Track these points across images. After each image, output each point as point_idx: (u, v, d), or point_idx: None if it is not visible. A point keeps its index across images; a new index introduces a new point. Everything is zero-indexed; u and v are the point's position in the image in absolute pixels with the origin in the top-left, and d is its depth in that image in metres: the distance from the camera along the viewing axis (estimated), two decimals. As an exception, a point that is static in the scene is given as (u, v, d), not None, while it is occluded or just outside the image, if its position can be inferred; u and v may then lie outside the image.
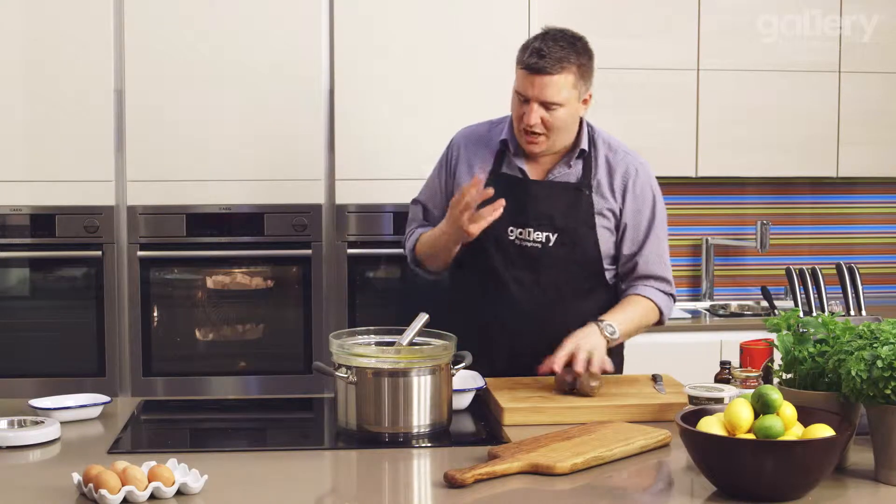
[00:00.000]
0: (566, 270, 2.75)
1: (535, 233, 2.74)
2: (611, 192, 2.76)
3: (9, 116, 3.71)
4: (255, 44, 3.77)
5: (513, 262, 2.75)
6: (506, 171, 2.77)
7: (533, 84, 2.62)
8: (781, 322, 2.17)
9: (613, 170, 2.77)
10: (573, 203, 2.74)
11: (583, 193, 2.74)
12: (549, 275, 2.75)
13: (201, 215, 3.79)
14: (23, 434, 2.25)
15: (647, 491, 1.99)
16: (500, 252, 2.75)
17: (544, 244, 2.73)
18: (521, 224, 2.73)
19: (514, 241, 2.74)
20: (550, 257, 2.74)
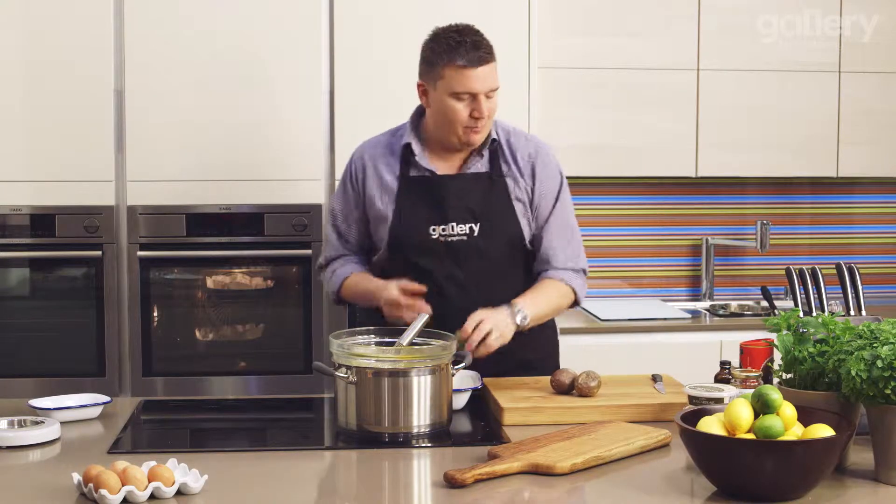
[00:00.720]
0: (493, 259, 2.76)
1: (457, 227, 2.74)
2: (520, 174, 2.79)
3: (9, 116, 3.71)
4: (255, 44, 3.77)
5: (441, 260, 2.74)
6: (414, 173, 2.77)
7: (478, 77, 2.65)
8: (781, 322, 2.17)
9: (516, 153, 2.80)
10: (489, 191, 2.76)
11: (496, 181, 2.77)
12: (478, 266, 2.75)
13: (201, 215, 3.79)
14: (23, 434, 2.25)
15: (647, 491, 1.99)
16: (427, 253, 2.75)
17: (469, 235, 2.74)
18: (442, 221, 2.74)
19: (439, 238, 2.74)
20: (476, 248, 2.74)
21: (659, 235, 4.58)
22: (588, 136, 4.18)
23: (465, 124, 2.68)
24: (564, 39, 4.15)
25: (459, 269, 2.75)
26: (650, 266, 4.58)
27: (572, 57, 4.16)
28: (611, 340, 3.94)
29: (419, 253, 2.74)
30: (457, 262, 2.75)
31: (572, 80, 4.16)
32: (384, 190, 2.78)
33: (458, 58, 2.65)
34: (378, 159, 2.81)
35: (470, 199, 2.75)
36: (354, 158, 2.86)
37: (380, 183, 2.79)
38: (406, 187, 2.75)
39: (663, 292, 4.57)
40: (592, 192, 4.50)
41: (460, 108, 2.67)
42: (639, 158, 4.23)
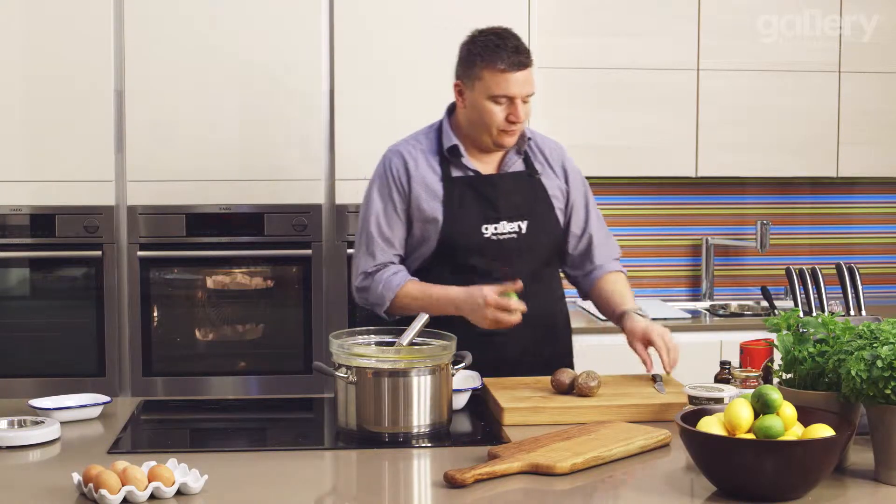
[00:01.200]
0: (539, 256, 2.82)
1: (508, 224, 2.78)
2: (552, 172, 2.86)
3: (9, 116, 3.71)
4: (255, 44, 3.77)
5: (492, 258, 2.77)
6: (457, 173, 2.78)
7: (517, 81, 2.67)
8: (781, 322, 2.17)
9: (544, 151, 2.87)
10: (531, 190, 2.82)
11: (534, 179, 2.82)
12: (526, 263, 2.79)
13: (201, 215, 3.79)
14: (23, 434, 2.25)
15: (647, 491, 1.99)
16: (479, 252, 2.76)
17: (518, 233, 2.78)
18: (494, 219, 2.76)
19: (491, 237, 2.76)
20: (525, 245, 2.79)
21: (659, 235, 4.58)
22: (588, 136, 4.18)
23: (500, 127, 2.71)
24: (564, 39, 4.15)
25: (509, 267, 2.76)
26: (650, 266, 4.58)
27: (572, 57, 4.16)
28: (611, 340, 3.91)
29: (471, 253, 2.76)
30: (507, 260, 2.77)
31: (572, 80, 4.16)
32: (429, 191, 2.77)
33: (498, 61, 2.67)
34: (419, 160, 2.80)
35: (516, 198, 2.79)
36: (393, 159, 2.81)
37: (424, 184, 2.78)
38: (452, 188, 2.75)
39: (663, 292, 4.58)
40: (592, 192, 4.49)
41: (497, 111, 2.69)
42: (639, 158, 4.23)
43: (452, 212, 2.75)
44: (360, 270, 2.79)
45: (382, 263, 2.77)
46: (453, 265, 2.77)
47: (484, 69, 2.68)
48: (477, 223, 2.75)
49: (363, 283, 2.78)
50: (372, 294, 2.76)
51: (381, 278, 2.75)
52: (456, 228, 2.75)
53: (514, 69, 2.65)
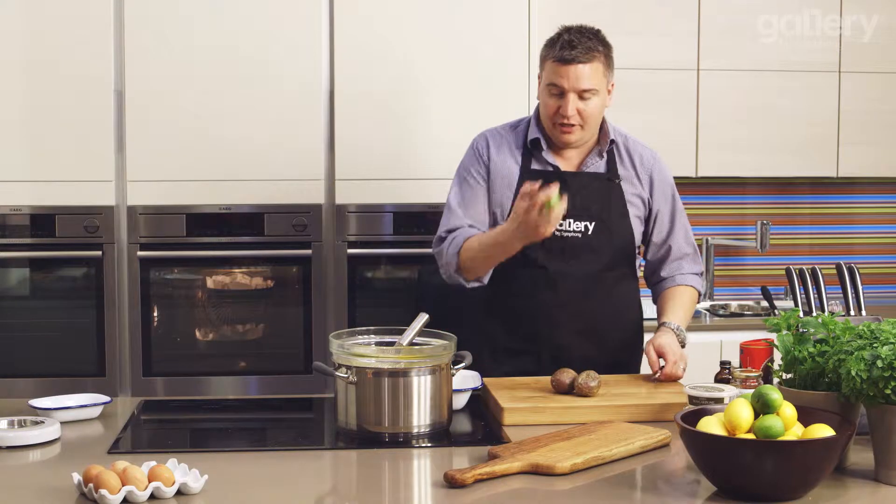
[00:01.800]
0: (603, 258, 2.82)
1: (574, 223, 2.79)
2: (637, 179, 2.87)
3: (9, 116, 3.71)
4: (255, 44, 3.77)
5: (554, 254, 2.79)
6: (536, 167, 2.82)
7: (568, 75, 2.70)
8: (781, 322, 2.17)
9: (633, 157, 2.89)
10: (606, 192, 2.82)
11: (613, 183, 2.84)
12: (588, 263, 2.80)
13: (201, 215, 3.79)
14: (23, 434, 2.25)
15: (647, 491, 1.99)
16: (541, 246, 2.76)
17: (583, 234, 2.79)
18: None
19: (555, 233, 2.74)
20: (589, 246, 2.80)
21: (659, 235, 4.58)
22: (588, 136, 4.17)
23: (552, 119, 2.74)
24: (564, 39, 4.14)
25: (572, 265, 2.78)
26: (650, 266, 4.58)
27: (572, 57, 4.15)
28: (611, 340, 3.93)
29: (532, 245, 2.74)
30: (568, 258, 2.79)
31: (572, 80, 4.15)
32: (505, 178, 2.81)
33: (553, 51, 2.73)
34: (502, 147, 2.84)
35: (587, 198, 2.79)
36: (478, 141, 2.88)
37: (501, 170, 2.81)
38: (528, 178, 2.75)
39: (663, 292, 4.57)
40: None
41: (550, 103, 2.74)
42: (639, 158, 4.23)
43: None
44: (438, 233, 2.85)
45: (454, 227, 2.81)
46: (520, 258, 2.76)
47: (544, 59, 2.77)
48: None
49: (435, 248, 2.84)
50: (443, 258, 2.80)
51: (448, 242, 2.80)
52: None
53: (564, 62, 2.70)
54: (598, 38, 2.78)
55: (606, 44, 2.80)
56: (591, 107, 2.74)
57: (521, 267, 2.79)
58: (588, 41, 2.74)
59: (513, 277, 2.82)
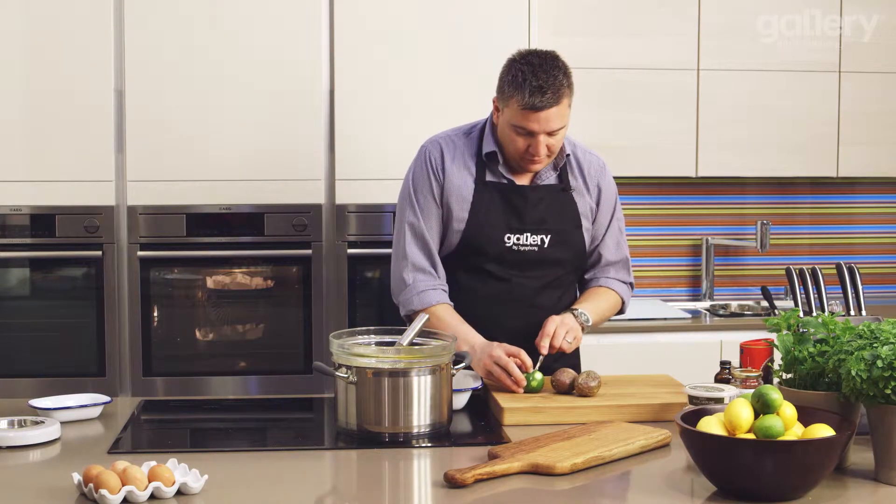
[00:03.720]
0: (559, 270, 2.82)
1: (531, 237, 2.77)
2: (586, 189, 2.84)
3: (9, 116, 3.71)
4: (255, 44, 3.77)
5: (510, 266, 2.78)
6: (491, 179, 2.78)
7: (538, 120, 2.62)
8: (781, 322, 2.17)
9: (583, 167, 2.85)
10: (560, 204, 2.80)
11: (567, 194, 2.81)
12: (544, 276, 2.80)
13: (201, 215, 3.79)
14: (23, 434, 2.25)
15: (647, 491, 1.99)
16: (498, 260, 2.77)
17: (539, 246, 2.78)
18: (518, 230, 2.77)
19: (512, 247, 2.77)
20: (545, 259, 2.79)
21: (659, 235, 4.59)
22: (588, 136, 4.15)
23: (521, 155, 2.70)
24: (564, 39, 4.14)
25: (527, 278, 2.78)
26: (650, 266, 4.59)
27: (572, 57, 4.10)
28: (611, 340, 3.94)
29: (491, 258, 2.77)
30: (525, 271, 2.78)
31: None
32: (460, 190, 2.77)
33: (520, 96, 2.61)
34: (456, 157, 2.79)
35: (544, 211, 2.78)
36: (431, 150, 2.81)
37: (455, 182, 2.78)
38: (483, 192, 2.76)
39: (663, 292, 4.58)
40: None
41: (519, 141, 2.67)
42: (639, 158, 4.23)
43: (478, 216, 2.75)
44: (397, 275, 2.78)
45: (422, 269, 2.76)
46: (469, 266, 2.79)
47: (511, 97, 2.64)
48: (500, 231, 2.75)
49: (399, 291, 2.78)
50: (404, 300, 2.77)
51: (417, 289, 2.74)
52: (478, 233, 2.76)
53: (535, 109, 2.60)
54: (560, 69, 2.66)
55: (567, 72, 2.69)
56: (559, 139, 2.69)
57: (478, 278, 2.78)
58: (554, 80, 2.62)
59: (474, 289, 2.80)
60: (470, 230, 2.76)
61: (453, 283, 2.82)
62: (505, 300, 2.78)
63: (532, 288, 2.79)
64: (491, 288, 2.78)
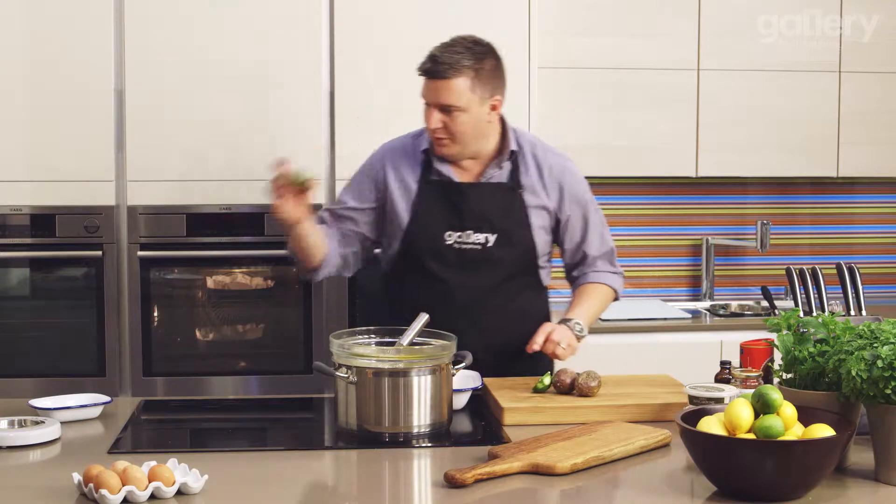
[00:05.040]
0: (506, 270, 2.79)
1: (474, 235, 2.76)
2: (543, 189, 2.80)
3: (9, 116, 3.71)
4: (255, 44, 3.77)
5: (453, 267, 2.76)
6: (434, 178, 2.78)
7: (430, 89, 2.66)
8: (781, 322, 2.17)
9: (542, 167, 2.82)
10: (508, 203, 2.77)
11: (515, 193, 2.78)
12: (490, 276, 2.78)
13: (201, 215, 3.79)
14: (23, 434, 2.25)
15: (647, 491, 1.99)
16: (440, 259, 2.76)
17: (483, 245, 2.76)
18: (459, 227, 2.75)
19: (453, 245, 2.75)
20: (490, 258, 2.76)
21: (659, 235, 4.59)
22: (588, 136, 4.18)
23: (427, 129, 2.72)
24: (564, 39, 4.15)
25: (471, 278, 2.76)
26: (650, 266, 4.59)
27: (572, 57, 4.16)
28: (611, 340, 3.94)
29: (432, 257, 2.76)
30: (469, 270, 2.76)
31: (572, 80, 4.16)
32: (404, 191, 2.79)
33: (421, 65, 2.70)
34: (399, 161, 2.82)
35: (488, 209, 2.76)
36: (377, 157, 2.88)
37: (401, 184, 2.80)
38: (425, 191, 2.77)
39: (663, 292, 4.58)
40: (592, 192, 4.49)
41: (424, 114, 2.71)
42: (639, 158, 4.23)
43: (419, 214, 2.76)
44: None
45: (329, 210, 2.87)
46: (414, 268, 2.78)
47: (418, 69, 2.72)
48: (440, 229, 2.74)
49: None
50: None
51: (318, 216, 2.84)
52: (418, 232, 2.76)
53: (427, 76, 2.67)
54: (471, 52, 2.65)
55: (483, 58, 2.67)
56: (458, 123, 2.66)
57: (421, 280, 2.78)
58: (455, 55, 2.63)
59: (412, 290, 2.80)
60: (411, 228, 2.77)
61: (401, 287, 2.82)
62: (448, 302, 2.73)
63: (477, 289, 2.76)
64: (433, 289, 2.76)
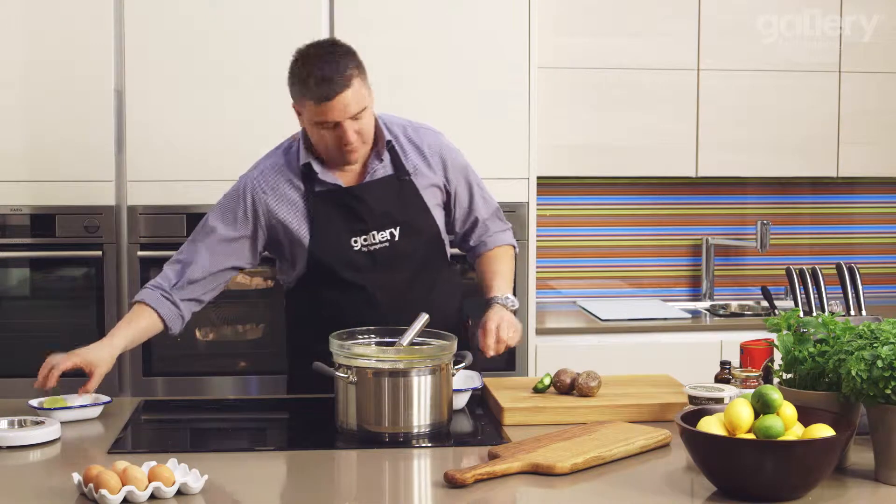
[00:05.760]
0: (417, 259, 2.76)
1: (378, 234, 2.71)
2: (428, 166, 2.78)
3: (9, 116, 3.71)
4: (255, 44, 3.76)
5: (366, 270, 2.71)
6: (320, 189, 2.70)
7: (334, 109, 2.55)
8: (781, 322, 2.17)
9: (421, 147, 2.79)
10: (400, 193, 2.73)
11: (403, 181, 2.74)
12: (404, 268, 2.74)
13: (201, 215, 3.76)
14: (23, 434, 2.25)
15: (647, 491, 1.99)
16: (351, 266, 2.70)
17: (391, 241, 2.72)
18: (363, 231, 2.70)
19: (361, 249, 2.70)
20: (399, 252, 2.72)
21: (659, 235, 4.58)
22: (588, 136, 4.18)
23: (336, 150, 2.63)
24: (564, 39, 4.15)
25: (386, 276, 2.72)
26: (650, 266, 4.59)
27: (572, 57, 4.16)
28: (611, 340, 3.94)
29: (343, 267, 2.69)
30: (382, 269, 2.71)
31: (572, 80, 4.16)
32: (294, 211, 2.70)
33: (308, 94, 2.57)
34: (279, 183, 2.72)
35: (386, 205, 2.71)
36: (247, 189, 2.73)
37: (287, 207, 2.70)
38: (316, 205, 2.69)
39: (663, 292, 4.58)
40: (592, 192, 4.50)
41: (327, 136, 2.60)
42: (639, 158, 4.23)
43: (318, 229, 2.68)
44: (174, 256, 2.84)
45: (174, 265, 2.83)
46: (327, 281, 2.71)
47: (302, 97, 2.60)
48: (345, 238, 2.68)
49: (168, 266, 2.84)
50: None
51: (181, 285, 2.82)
52: (323, 246, 2.69)
53: (325, 100, 2.54)
54: (341, 54, 2.60)
55: (350, 53, 2.62)
56: (365, 123, 2.62)
57: (340, 293, 2.71)
58: (337, 66, 2.55)
59: (337, 303, 2.71)
60: (314, 244, 2.68)
61: (318, 303, 2.74)
62: (374, 305, 2.70)
63: (392, 285, 2.71)
64: (353, 297, 2.70)
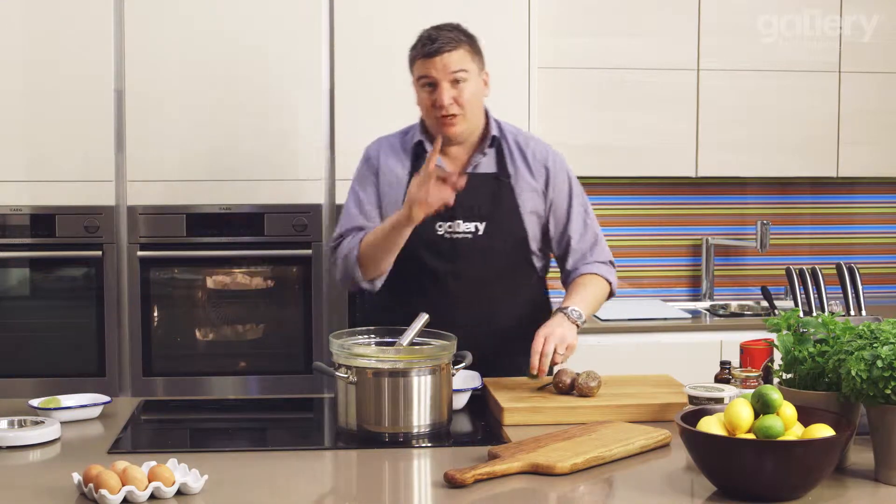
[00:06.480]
0: (498, 259, 2.79)
1: (463, 224, 2.77)
2: (530, 173, 2.82)
3: (9, 116, 3.71)
4: (255, 44, 3.77)
5: (446, 257, 2.77)
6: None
7: (435, 66, 2.71)
8: (781, 322, 2.17)
9: (525, 152, 2.84)
10: (495, 191, 2.79)
11: (502, 181, 2.80)
12: (483, 264, 2.78)
13: (201, 215, 3.79)
14: (23, 434, 2.25)
15: (647, 491, 1.99)
16: (432, 249, 2.76)
17: (474, 234, 2.77)
18: (449, 217, 2.76)
19: (444, 235, 2.76)
20: (481, 247, 2.77)
21: (659, 235, 4.59)
22: (588, 136, 4.18)
23: (433, 114, 2.74)
24: (564, 39, 4.15)
25: (463, 267, 2.77)
26: (650, 266, 4.59)
27: (572, 57, 4.16)
28: (611, 340, 3.94)
29: (424, 248, 2.76)
30: (461, 260, 2.77)
31: (572, 80, 4.16)
32: (395, 184, 2.81)
33: (417, 50, 2.76)
34: (389, 155, 2.86)
35: (477, 199, 2.77)
36: (370, 150, 2.91)
37: (390, 178, 2.82)
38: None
39: (663, 292, 4.58)
40: (592, 192, 4.46)
41: (425, 97, 2.75)
42: (639, 158, 4.23)
43: None
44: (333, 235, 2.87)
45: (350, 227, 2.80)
46: (408, 260, 2.75)
47: (412, 59, 2.78)
48: (430, 219, 2.71)
49: (332, 244, 2.84)
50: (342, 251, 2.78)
51: (348, 239, 2.79)
52: None
53: (429, 56, 2.71)
54: (459, 29, 2.79)
55: (469, 35, 2.80)
56: (466, 93, 2.72)
57: (412, 271, 2.77)
58: (449, 33, 2.76)
59: (403, 282, 2.78)
60: None
61: (399, 287, 2.79)
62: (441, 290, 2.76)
63: (468, 278, 2.76)
64: (426, 281, 2.76)
